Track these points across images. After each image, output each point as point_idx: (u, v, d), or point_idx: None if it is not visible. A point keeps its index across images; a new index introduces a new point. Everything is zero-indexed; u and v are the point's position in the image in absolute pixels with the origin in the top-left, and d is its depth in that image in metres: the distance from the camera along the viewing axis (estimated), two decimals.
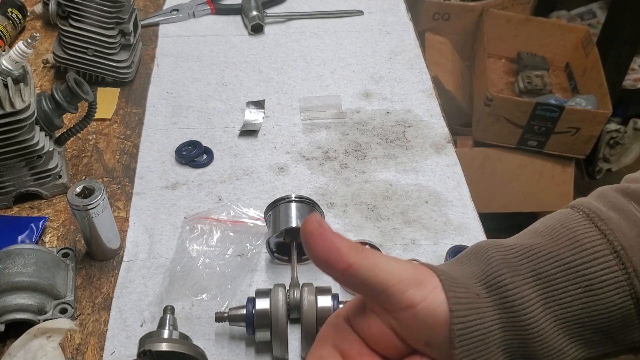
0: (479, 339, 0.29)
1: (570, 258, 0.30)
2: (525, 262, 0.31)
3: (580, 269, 0.30)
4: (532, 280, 0.30)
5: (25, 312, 0.49)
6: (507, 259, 0.31)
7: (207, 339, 0.50)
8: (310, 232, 0.28)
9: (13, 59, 0.54)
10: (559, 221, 0.32)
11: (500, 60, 1.68)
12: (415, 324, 0.29)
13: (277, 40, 0.85)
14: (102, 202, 0.51)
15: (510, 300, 0.30)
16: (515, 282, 0.30)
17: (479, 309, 0.29)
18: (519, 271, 0.30)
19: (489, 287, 0.30)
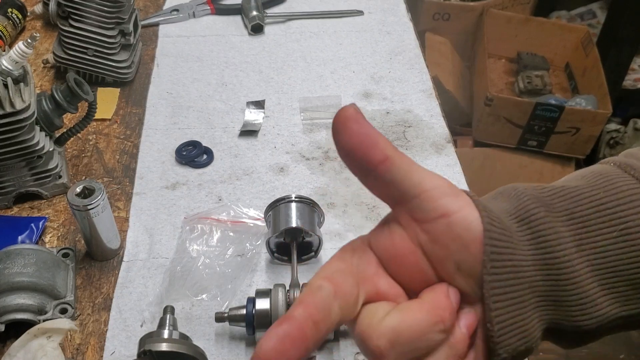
0: (511, 270, 0.26)
1: (606, 199, 0.28)
2: (558, 201, 0.28)
3: (616, 211, 0.27)
4: (566, 219, 0.28)
5: (25, 312, 0.49)
6: (540, 197, 0.28)
7: (207, 339, 0.50)
8: (346, 117, 0.24)
9: (13, 59, 0.54)
10: (592, 171, 0.30)
11: (500, 60, 1.68)
12: (448, 237, 0.26)
13: (277, 40, 0.85)
14: (102, 202, 0.51)
15: (544, 235, 0.27)
16: (549, 218, 0.27)
17: (511, 240, 0.27)
18: (551, 208, 0.28)
19: (521, 221, 0.27)
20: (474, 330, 0.27)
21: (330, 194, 0.63)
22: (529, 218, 0.27)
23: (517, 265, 0.26)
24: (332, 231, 0.59)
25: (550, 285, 0.27)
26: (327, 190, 0.64)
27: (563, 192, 0.28)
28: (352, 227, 0.60)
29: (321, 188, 0.64)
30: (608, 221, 0.27)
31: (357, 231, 0.59)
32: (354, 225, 0.60)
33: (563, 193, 0.28)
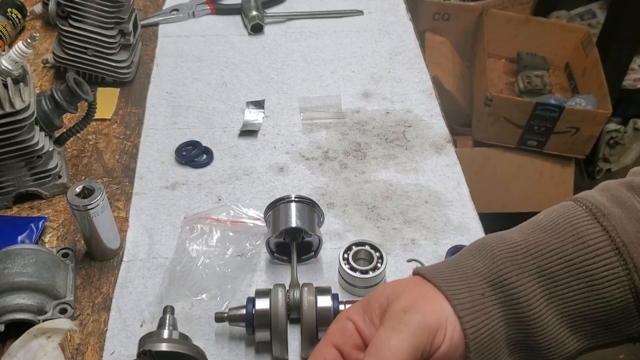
0: (488, 337, 0.30)
1: (573, 255, 0.31)
2: (530, 259, 0.31)
3: (582, 266, 0.30)
4: (537, 277, 0.31)
5: (25, 312, 0.49)
6: (513, 257, 0.32)
7: (207, 339, 0.50)
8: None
9: (13, 59, 0.54)
10: (563, 215, 0.33)
11: (500, 60, 1.68)
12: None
13: (276, 40, 0.85)
14: (102, 202, 0.51)
15: (516, 298, 0.31)
16: (521, 279, 0.31)
17: (485, 309, 0.30)
18: (524, 268, 0.31)
19: (494, 285, 0.31)
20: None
21: (330, 194, 0.63)
22: (502, 283, 0.31)
23: (493, 331, 0.30)
24: (331, 231, 0.59)
25: (522, 337, 0.31)
26: (327, 190, 0.64)
27: (535, 249, 0.32)
28: (352, 227, 0.60)
29: (321, 188, 0.64)
30: (575, 275, 0.31)
31: (356, 231, 0.59)
32: (354, 225, 0.60)
33: (534, 251, 0.32)
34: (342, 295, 0.53)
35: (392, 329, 0.29)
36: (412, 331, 0.29)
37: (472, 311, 0.30)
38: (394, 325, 0.30)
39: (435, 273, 0.33)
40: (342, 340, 0.32)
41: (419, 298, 0.31)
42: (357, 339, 0.32)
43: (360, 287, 0.53)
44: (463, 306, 0.30)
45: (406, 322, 0.30)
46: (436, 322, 0.30)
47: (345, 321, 0.32)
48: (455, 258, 0.34)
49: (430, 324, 0.30)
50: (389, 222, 0.60)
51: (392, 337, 0.29)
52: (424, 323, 0.30)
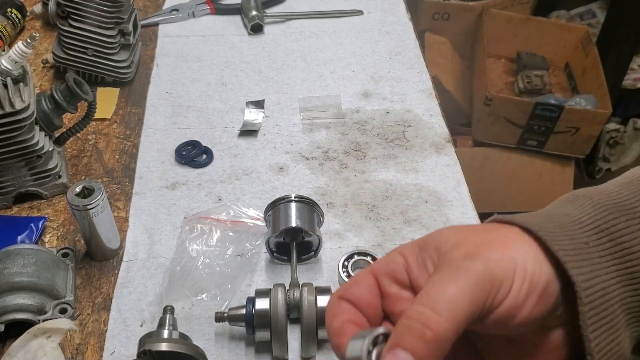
0: (600, 293, 0.24)
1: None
2: (639, 206, 0.26)
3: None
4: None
5: (25, 312, 0.49)
6: (617, 203, 0.26)
7: (206, 338, 0.50)
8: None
9: (13, 59, 0.54)
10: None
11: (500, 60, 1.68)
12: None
13: (276, 40, 0.85)
14: (102, 202, 0.51)
15: (628, 247, 0.25)
16: (631, 226, 0.25)
17: (591, 259, 0.25)
18: (633, 214, 0.26)
19: (599, 233, 0.25)
20: None
21: (330, 194, 0.63)
22: (609, 229, 0.25)
23: (606, 287, 0.25)
24: (331, 231, 0.59)
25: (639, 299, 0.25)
26: (327, 190, 0.64)
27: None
28: (352, 226, 0.60)
29: (321, 188, 0.64)
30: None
31: (356, 231, 0.59)
32: (354, 225, 0.60)
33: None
34: None
35: (449, 277, 0.24)
36: (473, 281, 0.24)
37: (576, 259, 0.24)
38: (451, 272, 0.24)
39: (521, 218, 0.26)
40: (384, 271, 0.27)
41: (484, 245, 0.25)
42: (402, 275, 0.27)
43: None
44: (565, 251, 0.24)
45: (466, 270, 0.24)
46: (501, 274, 0.24)
47: (395, 254, 0.27)
48: (537, 213, 0.27)
49: (494, 275, 0.24)
50: (388, 222, 0.60)
51: (450, 285, 0.24)
52: (488, 272, 0.24)
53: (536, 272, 0.25)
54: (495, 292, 0.25)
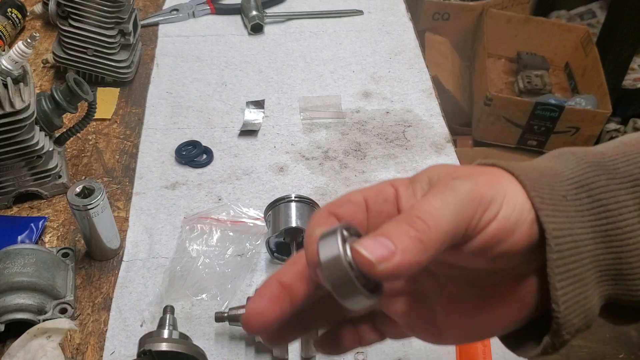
0: (572, 245, 0.24)
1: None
2: (622, 167, 0.26)
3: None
4: (630, 186, 0.25)
5: (25, 312, 0.49)
6: (601, 161, 0.26)
7: (207, 338, 0.50)
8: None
9: (13, 59, 0.54)
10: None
11: (500, 60, 1.68)
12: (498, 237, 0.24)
13: (276, 40, 0.85)
14: (102, 202, 0.51)
15: (605, 205, 0.25)
16: (611, 184, 0.25)
17: (567, 212, 0.25)
18: (614, 174, 0.26)
19: (579, 188, 0.25)
20: None
21: (330, 194, 0.63)
22: (589, 185, 0.25)
23: (578, 240, 0.25)
24: None
25: (612, 258, 0.25)
26: (327, 189, 0.64)
27: (626, 157, 0.26)
28: None
29: (321, 188, 0.64)
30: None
31: None
32: None
33: (626, 158, 0.26)
34: None
35: (436, 194, 0.24)
36: (460, 197, 0.24)
37: (551, 208, 0.24)
38: (439, 190, 0.24)
39: (507, 163, 0.26)
40: (374, 196, 0.27)
41: (475, 172, 0.25)
42: (391, 202, 0.27)
43: None
44: (542, 199, 0.24)
45: (453, 187, 0.24)
46: (490, 195, 0.24)
47: (386, 184, 0.27)
48: (526, 163, 0.27)
49: (482, 195, 0.24)
50: None
51: (435, 200, 0.24)
52: (476, 192, 0.24)
53: (526, 205, 0.25)
54: (483, 211, 0.24)
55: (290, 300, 0.26)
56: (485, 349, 0.50)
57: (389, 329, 0.31)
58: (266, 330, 0.26)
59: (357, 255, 0.23)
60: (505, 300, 0.27)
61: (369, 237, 0.23)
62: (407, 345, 0.50)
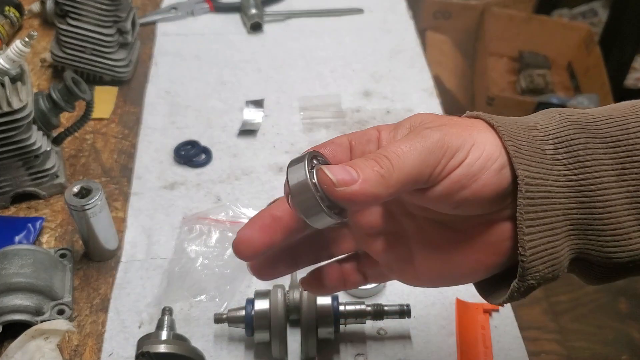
0: (545, 195, 0.25)
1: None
2: (604, 128, 0.27)
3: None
4: (610, 146, 0.26)
5: (23, 313, 0.48)
6: (584, 121, 0.27)
7: (205, 340, 0.50)
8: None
9: (10, 58, 0.54)
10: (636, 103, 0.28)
11: (502, 59, 1.67)
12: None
13: (276, 38, 0.84)
14: (100, 202, 0.51)
15: (582, 161, 0.26)
16: (590, 143, 0.26)
17: (542, 163, 0.26)
18: (595, 134, 0.27)
19: (558, 143, 0.26)
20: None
21: None
22: (568, 142, 0.26)
23: (552, 191, 0.26)
24: None
25: (584, 213, 0.26)
26: None
27: (610, 119, 0.27)
28: None
29: None
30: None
31: None
32: None
33: (610, 120, 0.27)
34: (342, 296, 0.52)
35: (406, 139, 0.26)
36: (427, 145, 0.26)
37: (527, 158, 0.25)
38: (409, 136, 0.27)
39: (488, 114, 0.28)
40: (358, 139, 0.29)
41: (451, 123, 0.27)
42: (374, 143, 0.29)
43: (359, 296, 0.52)
44: (517, 148, 0.26)
45: (424, 135, 0.26)
46: (457, 144, 0.26)
47: (371, 129, 0.30)
48: (511, 118, 0.29)
49: (450, 144, 0.26)
50: None
51: (404, 144, 0.26)
52: (443, 141, 0.26)
53: (494, 153, 0.26)
54: (449, 158, 0.26)
55: (280, 231, 0.28)
56: (486, 350, 0.49)
57: (370, 271, 0.33)
58: (254, 256, 0.28)
59: (322, 174, 0.25)
60: (479, 245, 0.28)
61: (337, 165, 0.26)
62: (407, 347, 0.49)
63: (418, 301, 0.52)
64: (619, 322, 1.27)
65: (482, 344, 0.49)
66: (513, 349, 0.49)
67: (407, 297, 0.53)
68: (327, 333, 0.47)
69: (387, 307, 0.48)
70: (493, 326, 0.51)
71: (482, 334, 0.50)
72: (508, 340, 0.50)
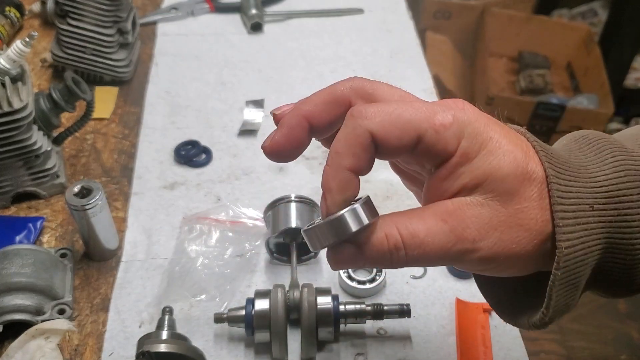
0: (579, 259, 0.25)
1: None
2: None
3: None
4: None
5: (23, 312, 0.48)
6: (638, 171, 0.26)
7: (206, 340, 0.50)
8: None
9: (11, 58, 0.54)
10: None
11: (502, 59, 1.67)
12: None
13: (276, 39, 0.84)
14: (101, 202, 0.51)
15: (630, 220, 0.25)
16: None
17: (588, 224, 0.25)
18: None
19: (609, 199, 0.25)
20: None
21: None
22: (619, 197, 0.25)
23: (588, 253, 0.25)
24: None
25: (613, 266, 0.26)
26: None
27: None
28: None
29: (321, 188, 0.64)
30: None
31: None
32: None
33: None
34: (342, 296, 0.52)
35: (445, 235, 0.26)
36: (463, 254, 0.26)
37: (572, 222, 0.25)
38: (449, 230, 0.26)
39: (542, 150, 0.27)
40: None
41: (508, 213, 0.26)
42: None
43: (359, 295, 0.52)
44: (565, 214, 0.25)
45: (463, 242, 0.26)
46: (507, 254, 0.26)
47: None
48: (561, 147, 0.28)
49: (497, 256, 0.26)
50: None
51: (437, 237, 0.26)
52: (486, 256, 0.26)
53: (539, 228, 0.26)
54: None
55: (307, 134, 0.29)
56: (486, 350, 0.49)
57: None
58: (283, 159, 0.30)
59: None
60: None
61: (350, 249, 0.28)
62: (407, 346, 0.50)
63: (418, 301, 0.52)
64: (618, 322, 1.27)
65: (482, 343, 0.49)
66: (513, 348, 0.49)
67: (407, 297, 0.53)
68: (327, 333, 0.47)
69: (387, 307, 0.48)
70: (493, 326, 0.51)
71: (481, 334, 0.50)
72: (508, 340, 0.50)
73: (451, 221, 0.26)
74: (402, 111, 0.27)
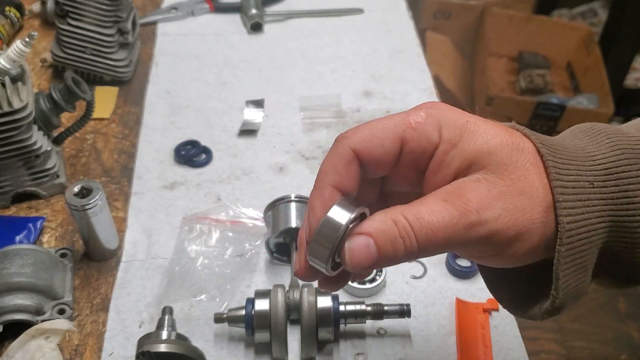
0: (583, 236, 0.25)
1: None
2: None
3: None
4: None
5: (23, 312, 0.48)
6: (634, 149, 0.26)
7: (206, 340, 0.50)
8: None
9: (11, 58, 0.54)
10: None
11: (502, 59, 1.67)
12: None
13: (276, 38, 0.84)
14: (101, 202, 0.51)
15: (631, 196, 0.25)
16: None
17: (589, 201, 0.25)
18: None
19: (609, 175, 0.25)
20: None
21: None
22: (619, 174, 0.25)
23: (591, 230, 0.25)
24: None
25: (622, 248, 0.26)
26: None
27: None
28: None
29: None
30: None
31: None
32: None
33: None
34: (342, 296, 0.52)
35: (447, 225, 0.26)
36: (473, 241, 0.26)
37: (572, 198, 0.25)
38: (453, 220, 0.26)
39: (536, 137, 0.27)
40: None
41: (505, 189, 0.26)
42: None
43: (359, 295, 0.52)
44: (565, 189, 0.25)
45: (470, 226, 0.25)
46: (510, 237, 0.25)
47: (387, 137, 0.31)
48: (557, 136, 0.28)
49: (499, 238, 0.25)
50: None
51: (442, 230, 0.26)
52: (493, 238, 0.25)
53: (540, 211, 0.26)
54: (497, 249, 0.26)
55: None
56: (486, 349, 0.49)
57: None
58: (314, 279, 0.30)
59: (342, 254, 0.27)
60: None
61: (361, 246, 0.27)
62: (407, 346, 0.50)
63: (418, 301, 0.53)
64: (618, 322, 1.27)
65: (481, 343, 0.49)
66: (513, 348, 0.49)
67: (407, 297, 0.53)
68: (327, 333, 0.47)
69: (387, 307, 0.48)
70: (493, 326, 0.51)
71: (481, 334, 0.50)
72: (508, 340, 0.50)
73: (451, 199, 0.26)
74: (379, 122, 0.28)
